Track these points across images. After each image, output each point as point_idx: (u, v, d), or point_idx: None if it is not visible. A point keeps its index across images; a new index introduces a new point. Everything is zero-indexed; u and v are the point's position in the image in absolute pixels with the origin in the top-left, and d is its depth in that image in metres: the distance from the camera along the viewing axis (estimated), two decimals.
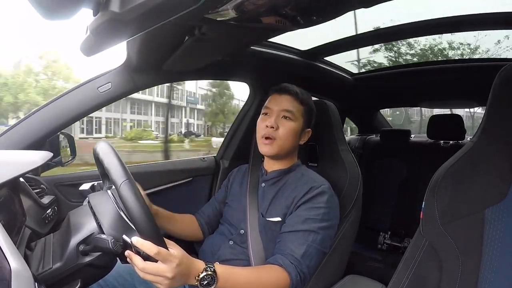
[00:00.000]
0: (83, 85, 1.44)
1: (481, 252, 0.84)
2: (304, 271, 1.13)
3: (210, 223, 1.50)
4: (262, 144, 1.33)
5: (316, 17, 1.03)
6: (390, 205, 2.79)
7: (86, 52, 0.85)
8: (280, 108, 1.33)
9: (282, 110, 1.32)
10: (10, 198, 0.96)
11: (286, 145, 1.33)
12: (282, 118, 1.32)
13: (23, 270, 0.58)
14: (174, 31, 1.07)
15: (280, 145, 1.31)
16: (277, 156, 1.36)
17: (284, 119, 1.32)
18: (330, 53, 2.09)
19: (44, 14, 0.59)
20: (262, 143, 1.33)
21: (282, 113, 1.32)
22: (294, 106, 1.33)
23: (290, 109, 1.32)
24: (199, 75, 1.79)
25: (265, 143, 1.32)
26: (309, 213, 1.21)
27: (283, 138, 1.31)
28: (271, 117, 1.32)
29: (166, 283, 0.85)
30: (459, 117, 2.63)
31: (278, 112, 1.32)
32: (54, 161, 1.42)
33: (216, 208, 1.52)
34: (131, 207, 0.79)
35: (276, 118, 1.32)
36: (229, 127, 2.22)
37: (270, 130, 1.30)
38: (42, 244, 0.90)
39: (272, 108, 1.34)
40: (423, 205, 0.95)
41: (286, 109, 1.32)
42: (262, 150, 1.34)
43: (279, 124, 1.31)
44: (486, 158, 0.89)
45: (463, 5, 1.53)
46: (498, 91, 0.86)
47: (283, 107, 1.33)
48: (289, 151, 1.37)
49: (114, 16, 0.64)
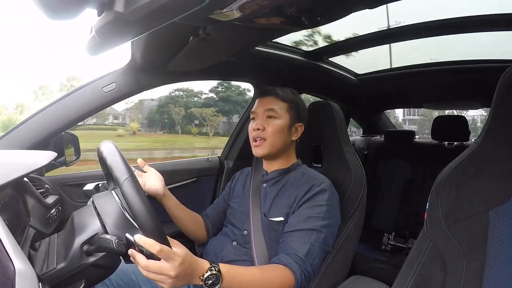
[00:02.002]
0: (87, 85, 1.45)
1: (486, 253, 0.83)
2: (309, 270, 1.13)
3: (215, 224, 1.50)
4: (254, 147, 1.38)
5: (320, 18, 1.03)
6: (394, 206, 2.78)
7: (91, 52, 0.84)
8: (263, 109, 1.36)
9: (265, 111, 1.36)
10: (14, 198, 0.97)
11: (276, 143, 1.35)
12: (267, 118, 1.36)
13: (27, 270, 0.58)
14: (179, 32, 1.08)
15: (270, 143, 1.34)
16: (270, 156, 1.38)
17: (269, 118, 1.36)
18: (334, 53, 2.09)
19: (48, 14, 0.59)
20: (254, 145, 1.37)
21: (266, 113, 1.36)
22: (277, 104, 1.36)
23: (272, 107, 1.36)
24: (204, 76, 1.79)
25: (256, 145, 1.36)
26: (311, 211, 1.22)
27: (271, 137, 1.34)
28: (257, 120, 1.36)
29: (169, 281, 0.84)
30: (463, 118, 2.62)
31: (262, 114, 1.37)
32: (58, 161, 1.42)
33: (220, 209, 1.53)
34: (134, 204, 0.79)
35: (262, 119, 1.36)
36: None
37: (258, 132, 1.34)
38: (46, 244, 0.90)
39: (257, 111, 1.38)
40: (427, 206, 0.95)
41: (268, 109, 1.36)
42: (255, 153, 1.38)
43: (265, 124, 1.34)
44: (490, 159, 0.88)
45: (467, 6, 1.52)
46: (503, 92, 0.86)
47: (266, 107, 1.36)
48: (281, 148, 1.38)
49: (119, 16, 0.64)
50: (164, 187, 1.32)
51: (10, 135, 1.33)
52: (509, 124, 0.86)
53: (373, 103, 3.15)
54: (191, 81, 1.77)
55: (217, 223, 1.50)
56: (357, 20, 1.18)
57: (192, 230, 1.44)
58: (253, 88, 2.10)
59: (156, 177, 1.31)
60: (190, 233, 1.44)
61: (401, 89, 2.75)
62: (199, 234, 1.46)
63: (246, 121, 2.09)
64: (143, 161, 1.33)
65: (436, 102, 2.99)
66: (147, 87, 1.56)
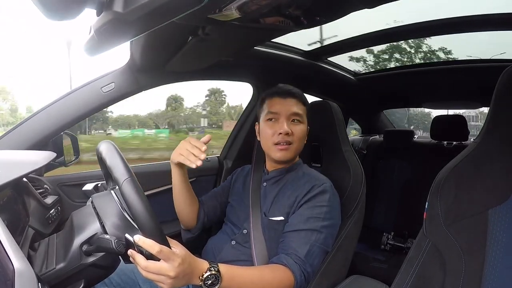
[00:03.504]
0: (86, 85, 1.44)
1: (485, 252, 0.84)
2: (308, 270, 1.13)
3: (209, 212, 1.47)
4: (276, 151, 1.32)
5: (319, 18, 1.02)
6: (393, 205, 2.78)
7: (89, 52, 0.84)
8: (288, 113, 1.31)
9: (291, 114, 1.32)
10: (13, 198, 0.97)
11: (300, 147, 1.35)
12: (291, 122, 1.32)
13: (27, 270, 0.59)
14: (178, 31, 1.08)
15: (296, 148, 1.33)
16: (291, 160, 1.37)
17: (293, 122, 1.32)
18: (333, 53, 2.09)
19: (47, 14, 0.59)
20: (277, 149, 1.31)
21: (292, 117, 1.32)
22: (301, 109, 1.34)
23: (298, 112, 1.32)
24: (202, 76, 1.80)
25: (281, 149, 1.30)
26: (312, 212, 1.21)
27: (297, 142, 1.32)
28: (282, 123, 1.30)
29: (169, 282, 0.85)
30: (462, 118, 2.62)
31: (287, 117, 1.31)
32: (57, 161, 1.42)
33: (217, 199, 1.51)
34: (133, 204, 0.79)
35: (287, 122, 1.30)
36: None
37: (285, 136, 1.29)
38: (46, 244, 0.90)
39: (280, 113, 1.32)
40: (427, 206, 0.95)
41: (295, 113, 1.32)
42: (277, 156, 1.32)
43: (291, 128, 1.30)
44: (489, 159, 0.88)
45: (468, 6, 1.52)
46: (502, 92, 0.86)
47: (291, 111, 1.32)
48: (300, 152, 1.38)
49: (118, 16, 0.64)
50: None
51: (9, 135, 1.33)
52: (508, 124, 0.86)
53: (372, 102, 3.15)
54: (190, 81, 1.77)
55: (210, 213, 1.47)
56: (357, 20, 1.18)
57: (187, 211, 1.41)
58: (252, 88, 2.09)
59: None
60: (183, 214, 1.42)
61: (401, 89, 2.76)
62: (189, 217, 1.42)
63: (246, 121, 2.09)
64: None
65: (436, 102, 2.99)
66: (146, 87, 1.56)
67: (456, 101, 2.87)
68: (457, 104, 3.02)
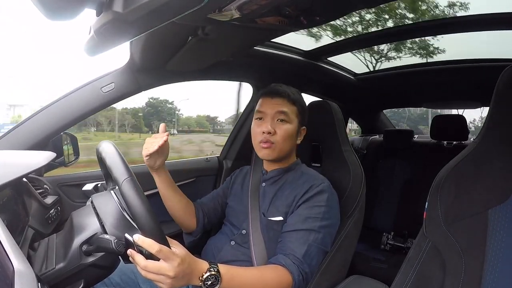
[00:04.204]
0: (86, 85, 1.44)
1: (485, 252, 0.84)
2: (306, 271, 1.13)
3: (209, 214, 1.47)
4: (260, 149, 1.32)
5: (319, 18, 1.03)
6: (393, 205, 2.77)
7: (89, 52, 0.85)
8: (274, 111, 1.30)
9: (276, 113, 1.30)
10: (13, 198, 0.97)
11: (285, 147, 1.32)
12: (277, 121, 1.30)
13: (26, 270, 0.58)
14: (178, 31, 1.08)
15: (279, 148, 1.30)
16: (277, 159, 1.35)
17: (280, 122, 1.30)
18: (333, 53, 2.09)
19: (47, 14, 0.59)
20: (261, 147, 1.31)
21: (277, 115, 1.30)
22: (288, 108, 1.31)
23: (285, 111, 1.30)
24: (202, 76, 1.79)
25: (263, 148, 1.30)
26: (310, 212, 1.21)
27: (281, 142, 1.30)
28: (266, 122, 1.30)
29: (168, 282, 0.84)
30: (462, 118, 2.62)
31: (272, 116, 1.30)
32: (57, 161, 1.42)
33: (217, 201, 1.51)
34: (133, 204, 0.79)
35: (272, 122, 1.30)
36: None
37: (268, 135, 1.28)
38: (45, 244, 0.90)
39: (266, 112, 1.32)
40: (426, 206, 0.95)
41: (280, 111, 1.30)
42: (261, 155, 1.33)
43: (276, 128, 1.29)
44: (489, 158, 0.88)
45: (467, 5, 1.52)
46: (501, 91, 0.86)
47: (277, 109, 1.30)
48: (288, 152, 1.36)
49: (118, 16, 0.64)
50: (163, 163, 1.31)
51: (9, 135, 1.33)
52: (508, 123, 0.86)
53: (372, 102, 3.15)
54: (190, 81, 1.77)
55: (211, 214, 1.48)
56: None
57: (180, 215, 1.41)
58: (252, 88, 2.10)
59: (163, 151, 1.27)
60: (178, 218, 1.42)
61: (400, 89, 2.76)
62: (187, 220, 1.43)
63: (245, 121, 2.09)
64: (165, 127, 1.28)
65: (435, 102, 2.99)
66: (146, 87, 1.56)
67: (456, 100, 2.87)
68: (457, 103, 3.02)
